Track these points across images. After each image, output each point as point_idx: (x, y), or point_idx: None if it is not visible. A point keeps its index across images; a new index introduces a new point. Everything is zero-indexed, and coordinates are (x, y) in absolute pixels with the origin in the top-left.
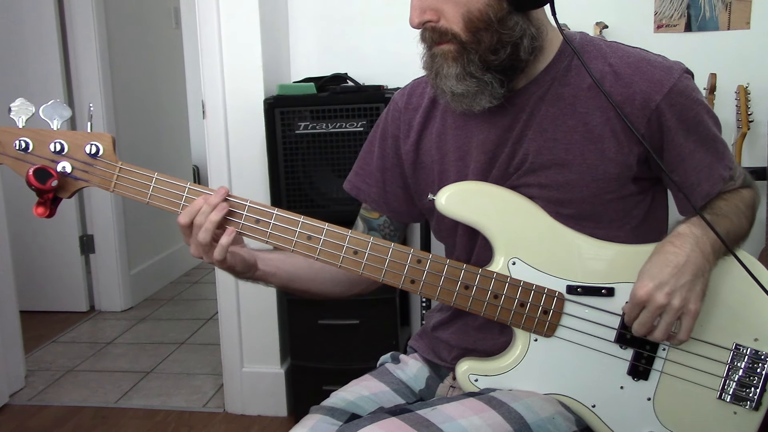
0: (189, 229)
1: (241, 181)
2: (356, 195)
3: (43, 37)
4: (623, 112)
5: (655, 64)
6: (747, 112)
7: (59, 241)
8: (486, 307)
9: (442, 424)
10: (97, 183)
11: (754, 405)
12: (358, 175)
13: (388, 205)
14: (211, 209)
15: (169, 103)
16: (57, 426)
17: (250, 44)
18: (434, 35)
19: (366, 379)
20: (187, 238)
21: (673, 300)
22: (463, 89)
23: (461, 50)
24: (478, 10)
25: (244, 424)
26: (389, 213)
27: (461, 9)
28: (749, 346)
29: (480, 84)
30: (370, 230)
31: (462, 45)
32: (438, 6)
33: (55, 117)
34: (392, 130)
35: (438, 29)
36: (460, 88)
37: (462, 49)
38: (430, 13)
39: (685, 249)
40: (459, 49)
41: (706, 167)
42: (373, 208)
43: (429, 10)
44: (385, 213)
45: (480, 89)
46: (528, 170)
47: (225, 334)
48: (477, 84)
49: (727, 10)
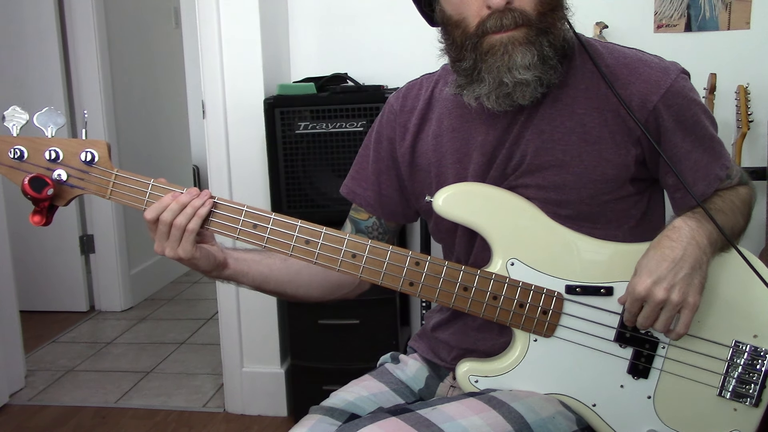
0: (155, 224)
1: (241, 181)
2: (352, 199)
3: (43, 37)
4: (620, 113)
5: (651, 65)
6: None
7: (59, 241)
8: (485, 308)
9: (443, 424)
10: (93, 190)
11: (754, 401)
12: (353, 179)
13: (383, 208)
14: (195, 207)
15: (169, 103)
16: (57, 426)
17: (250, 44)
18: (512, 16)
19: (365, 379)
20: (153, 233)
21: (672, 295)
22: (531, 76)
23: (537, 33)
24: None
25: (244, 424)
26: (385, 216)
27: None
28: (749, 343)
29: (547, 70)
30: (358, 232)
31: (537, 28)
32: None
33: (50, 124)
34: (387, 133)
35: (516, 10)
36: (528, 75)
37: (538, 31)
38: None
39: (682, 242)
40: (534, 32)
41: (702, 167)
42: (369, 211)
43: None
44: (381, 216)
45: (545, 75)
46: (526, 171)
47: (225, 334)
48: (544, 70)
49: (727, 10)
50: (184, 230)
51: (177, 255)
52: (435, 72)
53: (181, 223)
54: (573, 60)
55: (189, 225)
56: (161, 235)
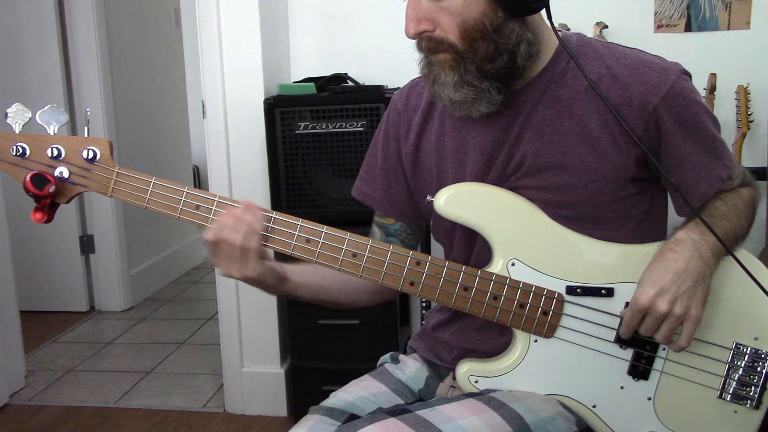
0: (217, 245)
1: (241, 181)
2: (362, 200)
3: (43, 37)
4: (621, 114)
5: (652, 66)
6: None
7: (59, 241)
8: (485, 309)
9: (442, 425)
10: (95, 188)
11: (755, 404)
12: (363, 180)
13: (394, 208)
14: (248, 225)
15: (169, 103)
16: (57, 426)
17: (250, 44)
18: (431, 44)
19: (365, 379)
20: (215, 257)
21: (675, 307)
22: (461, 97)
23: (458, 59)
24: (474, 20)
25: (244, 424)
26: (396, 216)
27: (457, 19)
28: (749, 345)
29: (477, 92)
30: (388, 236)
31: (459, 54)
32: (433, 16)
33: (52, 122)
34: (393, 132)
35: (434, 39)
36: (458, 95)
37: (459, 58)
38: (425, 23)
39: (685, 255)
40: (456, 58)
41: (704, 168)
42: (380, 212)
43: (425, 20)
44: (392, 216)
45: (477, 96)
46: (526, 173)
47: (225, 334)
48: (474, 92)
49: (727, 10)
50: (244, 248)
51: (245, 275)
52: None
53: (239, 241)
54: (571, 61)
55: (247, 242)
56: (224, 255)
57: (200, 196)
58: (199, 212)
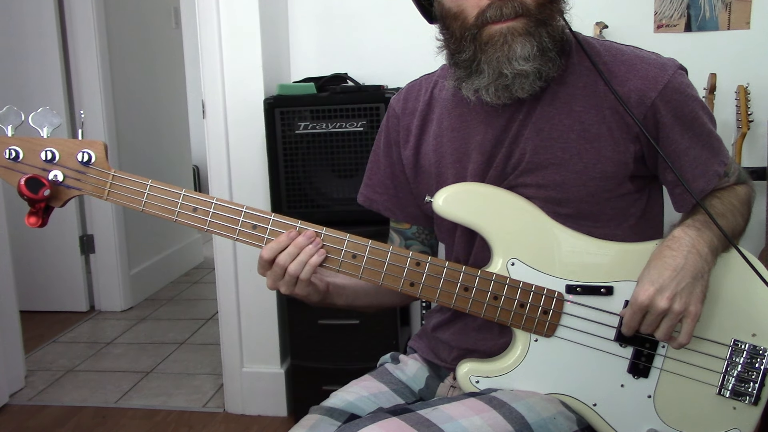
0: (270, 264)
1: (241, 181)
2: (369, 206)
3: (43, 37)
4: (618, 110)
5: (649, 62)
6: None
7: (59, 241)
8: (486, 309)
9: (443, 424)
10: (90, 191)
11: (753, 400)
12: (367, 186)
13: (403, 212)
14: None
15: (169, 103)
16: (57, 426)
17: (250, 44)
18: (506, 9)
19: (365, 379)
20: (265, 270)
21: (674, 304)
22: (532, 67)
23: (535, 24)
24: None
25: (244, 424)
26: (407, 219)
27: None
28: (747, 342)
29: (545, 61)
30: (407, 240)
31: (535, 19)
32: None
33: (45, 125)
34: (394, 137)
35: (511, 2)
36: (529, 65)
37: (535, 22)
38: None
39: (683, 252)
40: (530, 22)
41: (701, 164)
42: (388, 216)
43: None
44: (402, 219)
45: (542, 67)
46: (525, 170)
47: (225, 334)
48: (542, 62)
49: (727, 10)
50: (297, 278)
51: (293, 293)
52: (434, 72)
53: (295, 272)
54: (570, 58)
55: (302, 275)
56: (276, 276)
57: (198, 199)
58: (196, 215)
